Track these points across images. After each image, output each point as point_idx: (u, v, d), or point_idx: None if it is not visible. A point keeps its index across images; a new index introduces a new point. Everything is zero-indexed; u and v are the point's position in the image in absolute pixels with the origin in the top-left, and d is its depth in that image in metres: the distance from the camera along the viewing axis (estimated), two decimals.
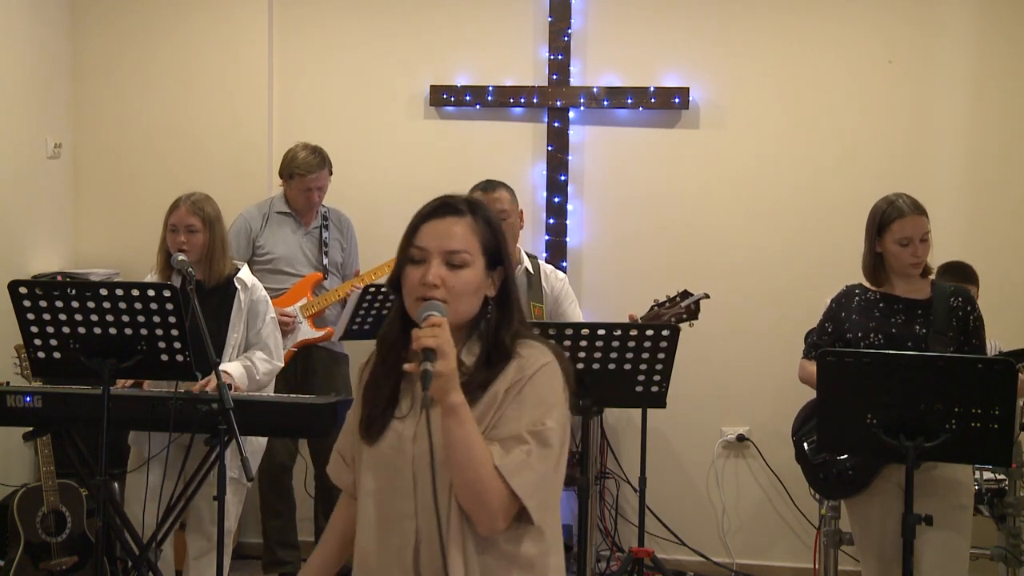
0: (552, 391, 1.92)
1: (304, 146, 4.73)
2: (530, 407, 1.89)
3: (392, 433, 1.96)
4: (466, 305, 1.93)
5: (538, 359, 1.93)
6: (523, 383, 1.90)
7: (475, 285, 1.94)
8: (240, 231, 4.71)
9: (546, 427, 1.89)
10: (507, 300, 1.99)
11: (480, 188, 3.68)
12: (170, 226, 3.75)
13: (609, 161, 5.21)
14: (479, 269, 1.94)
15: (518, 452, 1.86)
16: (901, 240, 3.31)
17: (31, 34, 5.04)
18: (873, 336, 3.33)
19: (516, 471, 1.85)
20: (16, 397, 3.42)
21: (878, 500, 3.29)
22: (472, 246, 1.94)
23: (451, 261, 1.92)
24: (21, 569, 4.02)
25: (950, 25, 4.99)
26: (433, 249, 1.93)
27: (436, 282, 1.90)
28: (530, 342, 1.98)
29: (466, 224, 1.96)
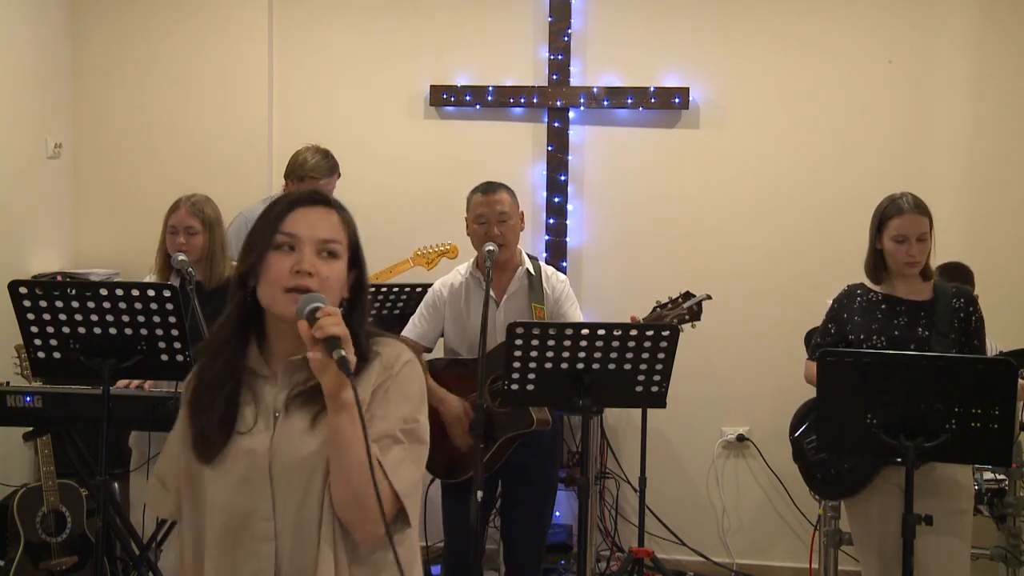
0: (418, 387, 1.86)
1: (316, 150, 4.66)
2: (398, 404, 1.82)
3: (239, 450, 1.79)
4: (332, 300, 1.80)
5: (400, 356, 1.86)
6: (388, 381, 1.82)
7: (343, 279, 1.85)
8: (240, 229, 4.69)
9: (419, 423, 1.83)
10: (360, 298, 1.89)
11: (481, 190, 3.68)
12: (170, 227, 3.76)
13: (609, 161, 5.21)
14: (345, 264, 1.86)
15: (396, 451, 1.78)
16: (897, 237, 3.31)
17: (31, 34, 5.04)
18: (876, 338, 3.33)
19: (396, 470, 1.76)
20: (16, 397, 3.42)
21: (877, 500, 3.29)
22: (342, 238, 1.86)
23: (325, 250, 1.83)
24: (21, 569, 4.02)
25: (950, 25, 4.99)
26: (306, 236, 1.82)
27: (311, 270, 1.79)
28: (384, 339, 1.89)
29: (335, 217, 1.88)
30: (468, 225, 3.69)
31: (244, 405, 1.82)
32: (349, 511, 1.73)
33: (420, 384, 1.87)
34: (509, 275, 3.71)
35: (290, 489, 1.77)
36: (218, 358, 1.85)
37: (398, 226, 5.16)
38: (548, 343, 3.13)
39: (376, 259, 4.87)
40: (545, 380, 3.18)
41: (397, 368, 1.83)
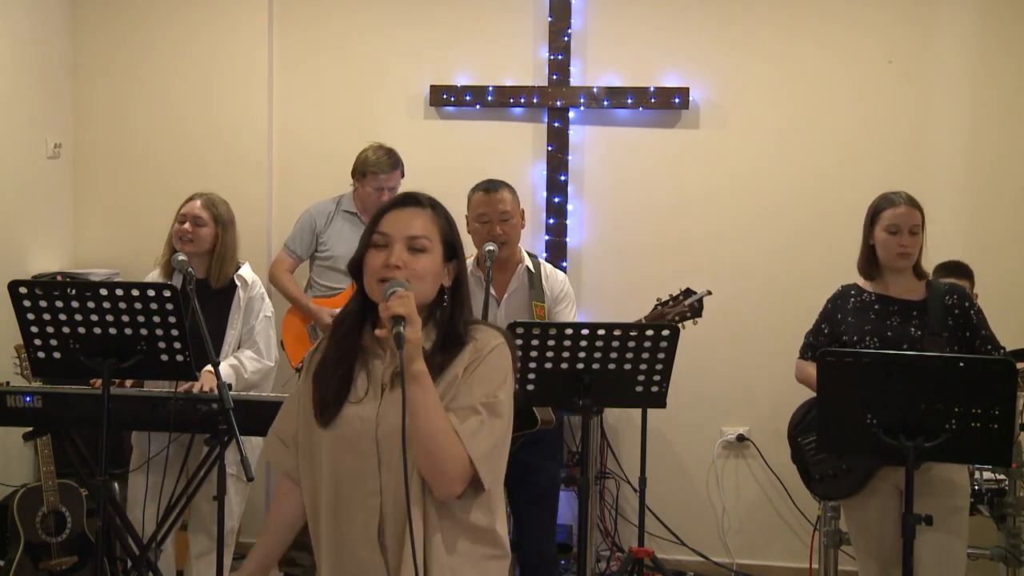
0: (502, 368, 2.06)
1: (379, 146, 4.74)
2: (482, 382, 2.03)
3: (351, 416, 2.05)
4: (424, 289, 2.05)
5: (491, 341, 2.08)
6: (478, 362, 2.04)
7: (433, 271, 2.07)
8: (305, 226, 4.79)
9: (498, 399, 2.03)
10: (460, 290, 2.12)
11: (482, 188, 3.68)
12: (179, 216, 3.84)
13: (609, 161, 5.21)
14: (437, 257, 2.08)
15: (473, 421, 1.99)
16: (889, 227, 3.32)
17: (31, 34, 5.04)
18: (869, 339, 3.33)
19: (471, 438, 1.98)
20: (16, 397, 3.42)
21: (875, 501, 3.29)
22: (432, 234, 2.08)
23: (412, 246, 2.06)
24: (21, 569, 4.02)
25: (950, 25, 4.99)
26: (396, 235, 2.06)
27: (399, 263, 2.03)
28: (481, 327, 2.12)
29: (427, 215, 2.10)
30: (468, 223, 3.69)
31: (359, 379, 2.08)
32: (427, 471, 1.96)
33: (505, 366, 2.06)
34: (510, 273, 3.71)
35: (391, 452, 1.99)
36: (341, 337, 2.10)
37: None
38: (548, 343, 3.13)
39: None
40: (545, 380, 3.18)
41: (486, 352, 2.05)
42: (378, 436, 2.02)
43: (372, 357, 2.09)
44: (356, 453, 2.03)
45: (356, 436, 2.03)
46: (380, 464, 2.02)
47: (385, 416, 2.03)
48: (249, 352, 3.80)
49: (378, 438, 2.02)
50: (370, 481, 2.02)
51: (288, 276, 4.81)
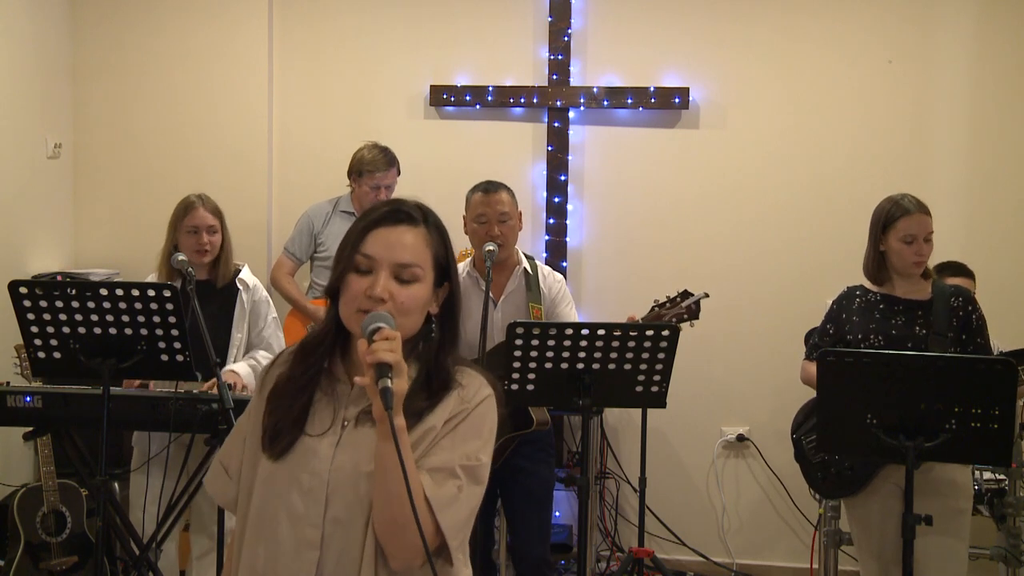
0: (489, 426, 1.80)
1: (374, 145, 4.77)
2: (466, 440, 1.77)
3: (304, 450, 1.78)
4: (412, 323, 1.78)
5: (480, 391, 1.81)
6: (463, 415, 1.78)
7: (423, 302, 1.79)
8: (303, 228, 4.83)
9: (480, 463, 1.77)
10: (451, 319, 1.86)
11: (481, 189, 3.68)
12: (189, 227, 3.75)
13: (609, 161, 5.21)
14: (428, 285, 1.80)
15: (450, 486, 1.73)
16: (906, 237, 3.32)
17: (31, 34, 5.04)
18: (873, 337, 3.33)
19: (446, 507, 1.71)
20: (16, 397, 3.42)
21: (877, 500, 3.29)
22: (424, 260, 1.79)
23: (401, 276, 1.77)
24: (21, 569, 4.02)
25: (950, 25, 4.99)
26: (383, 260, 1.77)
27: (384, 296, 1.74)
28: (469, 371, 1.84)
29: (419, 234, 1.81)
30: (466, 224, 3.69)
31: (319, 409, 1.81)
32: (386, 536, 1.70)
33: (492, 423, 1.81)
34: (507, 275, 3.72)
35: (343, 502, 1.74)
36: (307, 360, 1.83)
37: None
38: (548, 343, 3.13)
39: None
40: (545, 380, 3.18)
41: (474, 404, 1.79)
42: (329, 478, 1.75)
43: (339, 388, 1.83)
44: (301, 492, 1.76)
45: (307, 474, 1.76)
46: (325, 512, 1.74)
47: (340, 457, 1.76)
48: (264, 352, 3.83)
49: (328, 480, 1.75)
50: (310, 531, 1.74)
51: (289, 279, 4.83)
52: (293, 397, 1.81)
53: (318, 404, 1.81)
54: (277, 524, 1.76)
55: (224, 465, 1.92)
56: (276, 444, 1.78)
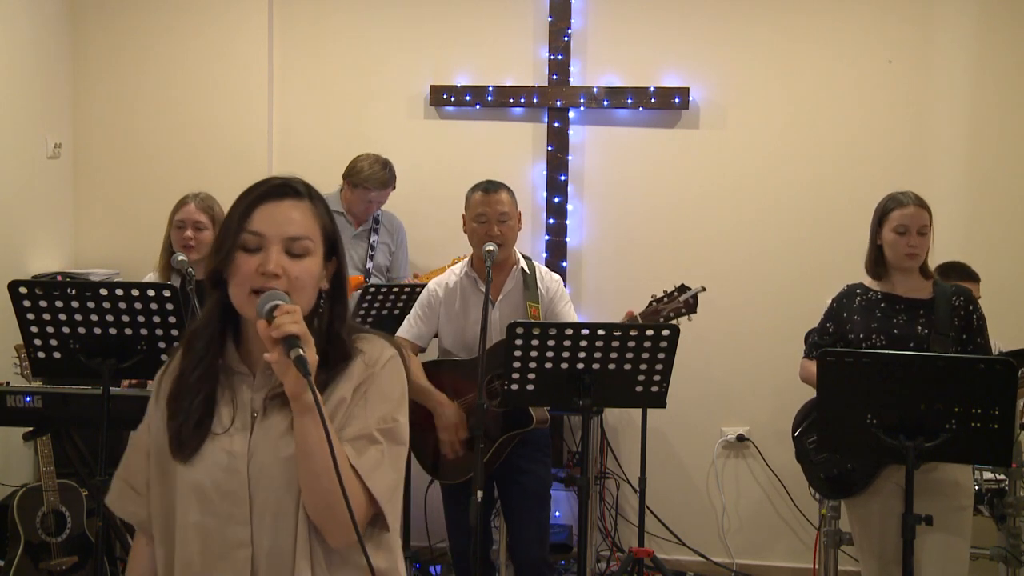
0: (398, 384, 1.78)
1: (375, 159, 4.72)
2: (378, 403, 1.74)
3: (215, 450, 1.74)
4: (306, 300, 1.74)
5: (383, 353, 1.78)
6: (370, 380, 1.75)
7: (316, 276, 1.76)
8: None
9: (398, 423, 1.75)
10: (340, 292, 1.81)
11: (481, 188, 3.68)
12: (176, 222, 3.78)
13: (609, 161, 5.21)
14: (318, 259, 1.77)
15: (373, 452, 1.71)
16: (898, 228, 3.33)
17: (31, 34, 5.04)
18: (875, 337, 3.33)
19: (372, 472, 1.69)
20: (16, 397, 3.42)
21: (878, 500, 3.29)
22: (313, 232, 1.76)
23: (292, 249, 1.73)
24: (21, 569, 4.02)
25: (950, 25, 4.99)
26: (272, 235, 1.73)
27: (278, 271, 1.70)
28: (367, 336, 1.81)
29: (305, 208, 1.78)
30: (466, 223, 3.69)
31: (222, 405, 1.76)
32: (320, 516, 1.68)
33: (401, 382, 1.79)
34: (505, 275, 3.72)
35: (268, 493, 1.71)
36: (197, 358, 1.76)
37: None
38: (548, 343, 3.13)
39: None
40: (545, 380, 3.18)
41: (379, 367, 1.76)
42: (249, 473, 1.72)
43: (237, 379, 1.78)
44: (221, 494, 1.72)
45: (222, 474, 1.72)
46: (252, 508, 1.71)
47: (257, 450, 1.72)
48: None
49: (249, 475, 1.72)
50: (238, 529, 1.71)
51: None
52: (191, 397, 1.75)
53: (220, 400, 1.76)
54: (203, 529, 1.73)
55: (130, 484, 1.87)
56: (184, 448, 1.74)
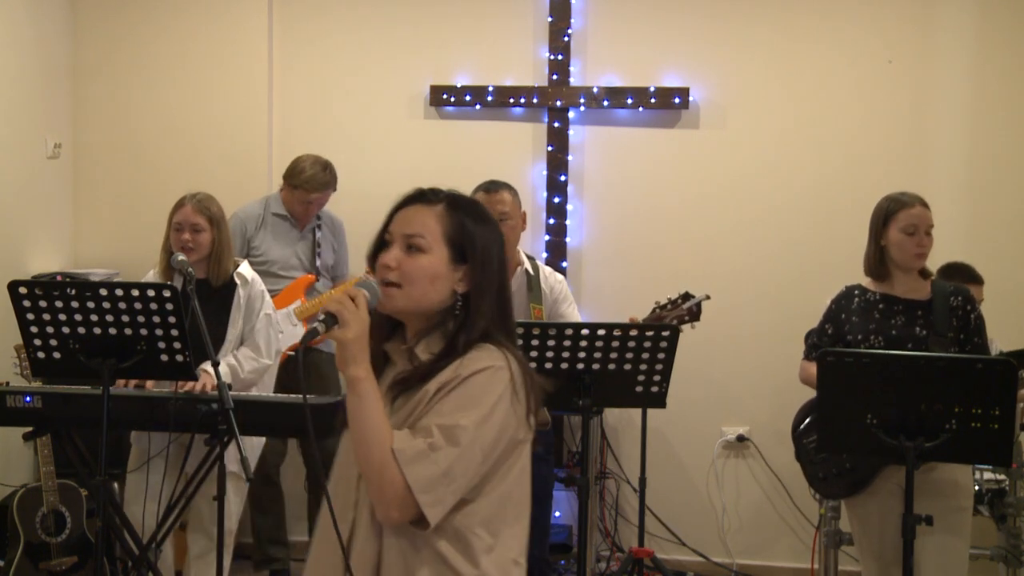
0: (481, 396, 1.83)
1: (315, 161, 4.69)
2: (451, 404, 1.82)
3: None
4: (421, 291, 1.88)
5: (479, 363, 1.85)
6: (454, 383, 1.83)
7: (431, 272, 1.89)
8: (236, 231, 4.68)
9: (458, 425, 1.80)
10: (476, 300, 1.90)
11: (483, 189, 3.68)
12: (174, 224, 3.77)
13: (609, 161, 5.21)
14: (439, 258, 1.90)
15: (419, 442, 1.79)
16: (907, 228, 3.31)
17: (31, 34, 5.04)
18: (873, 338, 3.33)
19: (411, 460, 1.78)
20: (16, 397, 3.42)
21: (878, 500, 3.29)
22: (431, 232, 1.90)
23: (409, 244, 1.90)
24: (21, 569, 4.02)
25: (950, 25, 4.99)
26: (396, 233, 1.93)
27: (391, 264, 1.89)
28: (485, 346, 1.88)
29: (432, 212, 1.92)
30: None
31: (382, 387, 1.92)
32: (367, 485, 1.83)
33: (486, 394, 1.84)
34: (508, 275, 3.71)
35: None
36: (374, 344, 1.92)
37: None
38: (548, 343, 3.13)
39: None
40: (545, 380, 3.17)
41: (466, 373, 1.84)
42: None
43: (388, 366, 1.98)
44: (345, 461, 1.95)
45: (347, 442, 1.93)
46: (359, 482, 1.89)
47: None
48: (247, 351, 3.79)
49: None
50: (351, 493, 1.91)
51: None
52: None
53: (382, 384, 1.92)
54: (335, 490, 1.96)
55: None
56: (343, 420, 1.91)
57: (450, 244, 1.91)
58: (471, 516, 1.85)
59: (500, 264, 1.96)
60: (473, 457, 1.81)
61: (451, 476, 1.79)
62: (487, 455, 1.83)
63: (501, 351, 1.88)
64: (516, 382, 1.87)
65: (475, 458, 1.81)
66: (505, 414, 1.84)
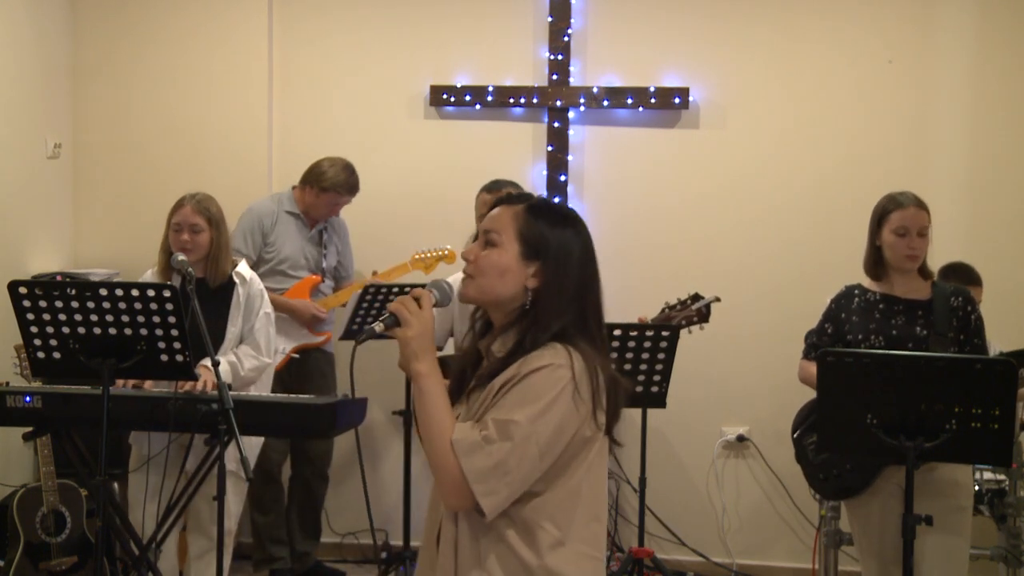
0: (538, 393, 1.90)
1: (344, 165, 4.71)
2: (509, 400, 1.91)
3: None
4: (490, 282, 2.00)
5: (539, 361, 1.92)
6: (514, 380, 1.92)
7: (500, 266, 2.00)
8: (252, 225, 4.70)
9: (512, 421, 1.88)
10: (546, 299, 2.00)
11: (486, 188, 3.69)
12: (173, 225, 3.77)
13: (609, 161, 5.21)
14: (509, 253, 2.00)
15: (475, 434, 1.89)
16: (898, 230, 3.32)
17: (31, 34, 5.04)
18: (874, 338, 3.33)
19: (468, 452, 1.88)
20: (16, 397, 3.42)
21: (878, 501, 3.29)
22: (505, 229, 2.02)
23: (486, 240, 2.03)
24: (21, 569, 4.02)
25: (950, 25, 4.99)
26: (480, 229, 2.09)
27: (469, 256, 2.04)
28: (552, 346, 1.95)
29: (511, 211, 2.05)
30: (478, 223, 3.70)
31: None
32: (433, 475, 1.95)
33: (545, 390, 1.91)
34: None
35: None
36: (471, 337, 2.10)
37: (398, 226, 5.17)
38: None
39: (375, 258, 4.90)
40: None
41: (526, 371, 1.92)
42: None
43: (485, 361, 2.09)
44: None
45: None
46: None
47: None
48: (248, 349, 3.79)
49: None
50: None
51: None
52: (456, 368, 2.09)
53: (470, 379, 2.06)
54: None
55: None
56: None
57: (522, 241, 2.01)
58: (538, 509, 1.93)
59: (581, 266, 2.07)
60: (528, 452, 1.88)
61: (504, 469, 1.87)
62: (544, 451, 1.90)
63: (566, 350, 1.95)
64: (578, 380, 1.93)
65: (530, 453, 1.89)
66: (564, 411, 1.91)
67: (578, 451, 1.96)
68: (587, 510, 1.98)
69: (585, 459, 1.97)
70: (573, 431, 1.93)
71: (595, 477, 2.00)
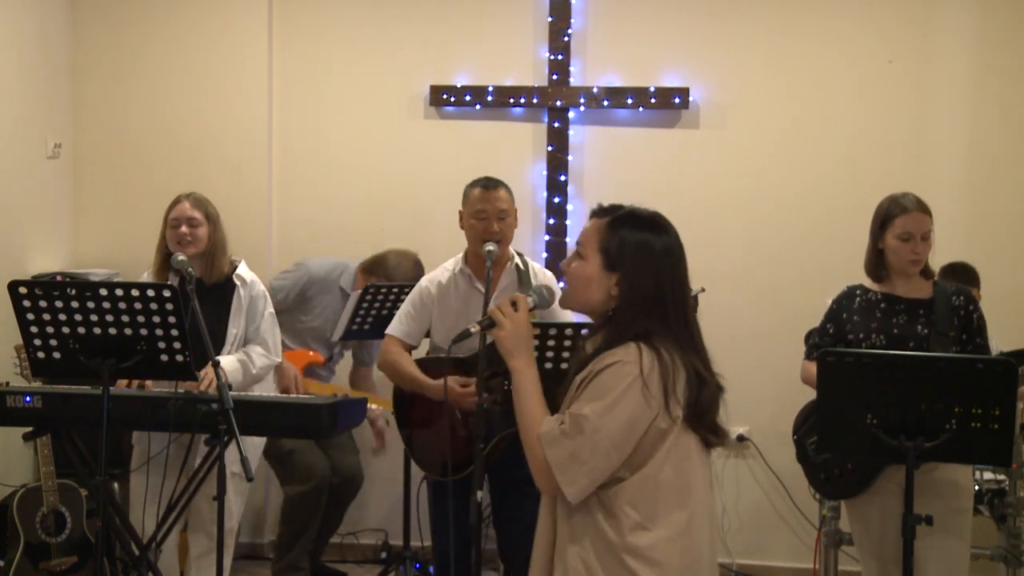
0: (607, 389, 2.09)
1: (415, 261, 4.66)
2: (583, 395, 2.12)
3: None
4: (577, 292, 2.24)
5: (610, 359, 2.11)
6: (589, 377, 2.12)
7: (585, 276, 2.22)
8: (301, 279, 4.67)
9: (582, 415, 2.08)
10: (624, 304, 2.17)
11: (481, 185, 3.67)
12: (171, 221, 3.78)
13: (609, 161, 5.21)
14: (592, 264, 2.21)
15: (555, 427, 2.12)
16: (902, 235, 3.31)
17: (31, 34, 5.04)
18: (875, 337, 3.33)
19: (550, 443, 2.11)
20: (16, 397, 3.42)
21: (878, 501, 3.29)
22: (591, 242, 2.23)
23: (577, 252, 2.27)
24: (21, 569, 4.02)
25: (950, 25, 4.99)
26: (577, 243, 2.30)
27: (564, 268, 2.29)
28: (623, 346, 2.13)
29: (597, 225, 2.25)
30: (463, 219, 3.68)
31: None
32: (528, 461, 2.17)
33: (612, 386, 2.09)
34: (500, 271, 3.71)
35: None
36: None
37: (397, 225, 5.16)
38: (548, 343, 3.13)
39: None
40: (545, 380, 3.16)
41: (598, 368, 2.12)
42: None
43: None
44: None
45: None
46: None
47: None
48: (259, 348, 3.83)
49: None
50: None
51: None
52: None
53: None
54: None
55: None
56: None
57: (603, 252, 2.20)
58: (619, 494, 2.11)
59: (659, 269, 2.19)
60: (599, 444, 2.08)
61: (579, 459, 2.08)
62: (616, 442, 2.09)
63: (637, 347, 2.11)
64: (646, 376, 2.09)
65: (602, 444, 2.08)
66: (634, 406, 2.09)
67: (655, 442, 2.11)
68: (670, 498, 2.11)
69: (662, 449, 2.11)
70: (647, 423, 2.09)
71: (674, 468, 2.12)
